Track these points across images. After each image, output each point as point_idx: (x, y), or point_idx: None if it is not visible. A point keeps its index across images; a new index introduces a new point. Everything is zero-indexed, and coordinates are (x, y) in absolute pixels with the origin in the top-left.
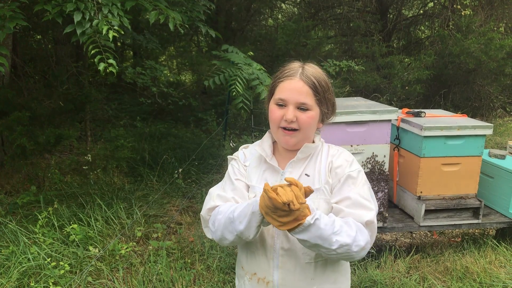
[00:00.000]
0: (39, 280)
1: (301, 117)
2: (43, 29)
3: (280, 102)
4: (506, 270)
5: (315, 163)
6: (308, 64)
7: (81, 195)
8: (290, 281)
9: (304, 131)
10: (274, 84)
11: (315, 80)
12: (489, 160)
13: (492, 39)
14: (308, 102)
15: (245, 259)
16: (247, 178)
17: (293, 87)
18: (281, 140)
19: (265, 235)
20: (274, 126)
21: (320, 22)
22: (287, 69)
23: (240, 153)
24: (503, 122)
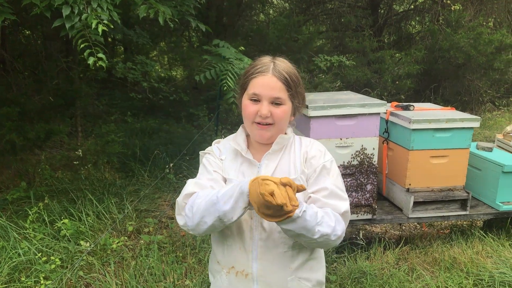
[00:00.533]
0: (30, 275)
1: (275, 112)
2: (32, 24)
3: (254, 97)
4: (493, 260)
5: (289, 154)
6: (279, 59)
7: (72, 190)
8: (269, 272)
9: (278, 125)
10: (246, 80)
11: (287, 76)
12: (477, 152)
13: (481, 34)
14: (282, 97)
15: (221, 254)
16: (224, 171)
17: (266, 82)
18: (255, 134)
19: (243, 227)
20: (248, 121)
21: (312, 17)
22: (258, 64)
23: (214, 147)
24: (492, 116)
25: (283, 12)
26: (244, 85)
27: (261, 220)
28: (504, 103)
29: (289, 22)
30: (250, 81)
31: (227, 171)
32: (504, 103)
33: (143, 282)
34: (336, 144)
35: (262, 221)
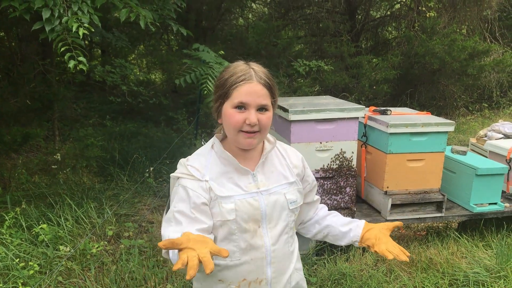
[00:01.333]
0: (8, 281)
1: (261, 119)
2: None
3: (240, 105)
4: (467, 260)
5: (278, 158)
6: (253, 64)
7: (50, 195)
8: (280, 272)
9: (264, 132)
10: (228, 89)
11: (269, 81)
12: (452, 156)
13: (455, 41)
14: (267, 103)
15: (226, 270)
16: (216, 191)
17: (253, 90)
18: (242, 143)
19: (254, 238)
20: (234, 130)
21: (290, 22)
22: (238, 72)
23: (191, 169)
24: (466, 121)
25: (262, 16)
26: (227, 94)
27: (268, 226)
28: (477, 108)
29: (268, 26)
30: (234, 89)
31: (218, 189)
32: (477, 108)
33: (124, 286)
34: (316, 148)
35: (269, 226)
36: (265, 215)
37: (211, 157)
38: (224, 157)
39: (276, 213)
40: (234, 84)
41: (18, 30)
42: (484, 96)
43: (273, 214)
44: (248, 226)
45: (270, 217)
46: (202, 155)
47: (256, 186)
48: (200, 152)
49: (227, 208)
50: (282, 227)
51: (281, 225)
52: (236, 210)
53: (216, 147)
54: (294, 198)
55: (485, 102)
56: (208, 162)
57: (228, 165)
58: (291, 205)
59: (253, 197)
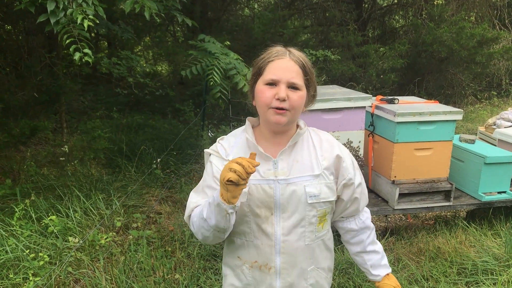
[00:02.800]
0: (18, 271)
1: (292, 97)
2: (14, 19)
3: (271, 82)
4: (476, 249)
5: (308, 148)
6: (292, 48)
7: (59, 187)
8: (291, 264)
9: (294, 111)
10: (261, 65)
11: (303, 61)
12: (460, 144)
13: (463, 28)
14: (299, 82)
15: (242, 249)
16: None
17: (284, 66)
18: (271, 120)
19: (264, 224)
20: (264, 107)
21: (296, 11)
22: (274, 50)
23: (219, 146)
24: (474, 109)
25: (268, 6)
26: (259, 70)
27: (282, 215)
28: (485, 96)
29: (274, 16)
30: (266, 65)
31: None
32: (485, 96)
33: (133, 277)
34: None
35: (282, 216)
36: (279, 204)
37: (241, 139)
38: (249, 141)
39: (292, 204)
40: (267, 59)
41: (24, 23)
42: (493, 84)
43: (288, 204)
44: (260, 212)
45: (285, 207)
46: (234, 136)
47: (274, 173)
48: (234, 133)
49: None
50: (298, 219)
51: (296, 217)
52: (249, 194)
53: (246, 131)
54: (316, 192)
55: (493, 90)
56: (236, 143)
57: (252, 149)
58: (311, 199)
59: (269, 184)
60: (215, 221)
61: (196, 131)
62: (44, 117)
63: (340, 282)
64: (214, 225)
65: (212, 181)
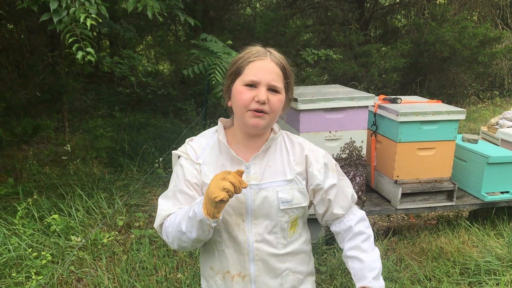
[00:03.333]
0: (21, 270)
1: (272, 100)
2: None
3: (251, 83)
4: (478, 249)
5: (281, 152)
6: (272, 49)
7: (61, 185)
8: (265, 271)
9: (273, 115)
10: (240, 65)
11: (284, 64)
12: (463, 144)
13: (465, 28)
14: (279, 85)
15: (213, 259)
16: (203, 177)
17: (265, 67)
18: (249, 123)
19: (236, 231)
20: (242, 108)
21: (298, 11)
22: (253, 50)
23: (189, 148)
24: (477, 109)
25: (270, 5)
26: (238, 70)
27: (254, 221)
28: (488, 96)
29: (276, 15)
30: (246, 65)
31: (206, 175)
32: (488, 96)
33: (135, 276)
34: (325, 137)
35: (254, 222)
36: (251, 210)
37: (212, 140)
38: (221, 143)
39: (263, 210)
40: (247, 60)
41: (26, 22)
42: (495, 83)
43: (260, 210)
44: (231, 219)
45: (257, 213)
46: (205, 137)
47: (246, 178)
48: (204, 134)
49: None
50: (270, 226)
51: (268, 223)
52: None
53: (218, 132)
54: (289, 197)
55: (496, 90)
56: (207, 145)
57: (224, 152)
58: (283, 204)
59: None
60: (196, 234)
61: (198, 130)
62: (47, 116)
63: (343, 282)
64: (195, 238)
65: (184, 185)
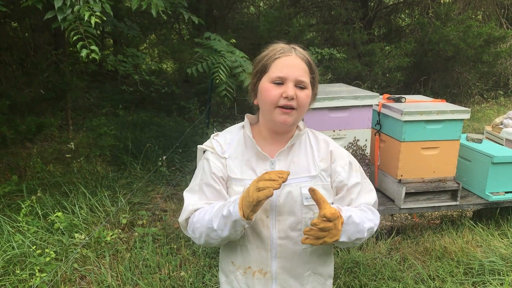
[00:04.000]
0: (25, 267)
1: (299, 95)
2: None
3: (278, 80)
4: (482, 249)
5: (305, 149)
6: (296, 45)
7: (65, 183)
8: (288, 269)
9: (300, 111)
10: (266, 62)
11: (309, 59)
12: (467, 144)
13: (470, 27)
14: (306, 80)
15: (235, 254)
16: (229, 171)
17: (291, 63)
18: (278, 120)
19: (260, 227)
20: (270, 106)
21: (302, 9)
22: (278, 47)
23: (214, 143)
24: (481, 108)
25: (273, 4)
26: (264, 68)
27: (277, 218)
28: (492, 96)
29: (280, 14)
30: (272, 62)
31: (232, 170)
32: (492, 95)
33: (138, 274)
34: (329, 136)
35: (278, 219)
36: (275, 206)
37: (238, 136)
38: (247, 139)
39: (287, 206)
40: (273, 56)
41: (31, 20)
42: (500, 83)
43: (285, 207)
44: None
45: (281, 210)
46: (230, 133)
47: None
48: (229, 130)
49: (236, 190)
50: (294, 222)
51: (292, 220)
52: None
53: (245, 128)
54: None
55: (500, 90)
56: (233, 141)
57: (250, 147)
58: (306, 200)
59: None
60: (228, 233)
61: (201, 129)
62: (50, 114)
63: (346, 281)
64: (226, 236)
65: (210, 178)
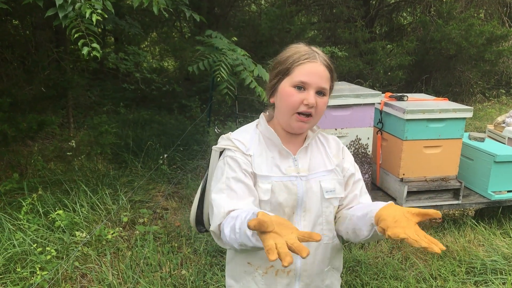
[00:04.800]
0: (26, 265)
1: (319, 103)
2: (21, 13)
3: (300, 85)
4: (485, 248)
5: (318, 146)
6: (316, 48)
7: (66, 181)
8: (311, 265)
9: (317, 117)
10: (290, 65)
11: (331, 65)
12: (469, 142)
13: (472, 25)
14: (327, 87)
15: (253, 254)
16: (255, 168)
17: (316, 70)
18: (294, 126)
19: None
20: (290, 110)
21: (304, 8)
22: (301, 51)
23: (237, 142)
24: (482, 107)
25: (275, 2)
26: (287, 70)
27: (302, 214)
28: (494, 94)
29: (281, 12)
30: (296, 67)
31: (258, 167)
32: (494, 94)
33: (139, 272)
34: (331, 135)
35: (303, 214)
36: (302, 201)
37: (256, 135)
38: (268, 136)
39: (311, 201)
40: (297, 61)
41: (32, 18)
42: (502, 82)
43: (309, 202)
44: (282, 210)
45: (306, 205)
46: (247, 132)
47: (296, 170)
48: (245, 129)
49: (263, 187)
50: (317, 216)
51: (315, 214)
52: (272, 192)
53: (261, 126)
54: (331, 187)
55: (502, 88)
56: (252, 139)
57: (271, 145)
58: (327, 194)
59: (292, 181)
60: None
61: (203, 127)
62: (52, 111)
63: (348, 280)
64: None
65: (241, 174)
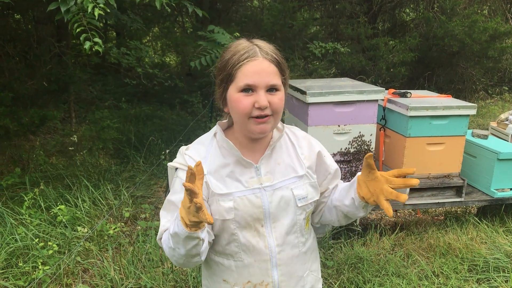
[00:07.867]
0: (28, 260)
1: (272, 101)
2: (23, 8)
3: (247, 88)
4: (487, 246)
5: (287, 149)
6: (257, 40)
7: (67, 176)
8: (289, 275)
9: (277, 115)
10: (231, 71)
11: (278, 58)
12: (472, 140)
13: (475, 22)
14: (277, 82)
15: (229, 271)
16: (212, 187)
17: (259, 69)
18: (254, 131)
19: (256, 238)
20: (243, 117)
21: (306, 3)
22: (241, 50)
23: (188, 159)
24: (485, 104)
25: None
26: (230, 77)
27: (273, 225)
28: (497, 91)
29: (284, 8)
30: (237, 70)
31: (215, 186)
32: (497, 91)
33: (141, 267)
34: (334, 131)
35: (274, 225)
36: (269, 213)
37: (212, 147)
38: (225, 147)
39: (281, 211)
40: (237, 63)
41: (34, 12)
42: (505, 79)
43: (278, 212)
44: (249, 226)
45: (275, 216)
46: (203, 144)
47: (258, 181)
48: (201, 140)
49: (225, 206)
50: (289, 226)
51: (287, 224)
52: (235, 209)
53: (218, 136)
54: (304, 193)
55: (505, 85)
56: (208, 153)
57: (229, 156)
58: (300, 201)
59: (255, 193)
60: (184, 251)
61: (204, 123)
62: (53, 106)
63: (350, 277)
64: (183, 254)
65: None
